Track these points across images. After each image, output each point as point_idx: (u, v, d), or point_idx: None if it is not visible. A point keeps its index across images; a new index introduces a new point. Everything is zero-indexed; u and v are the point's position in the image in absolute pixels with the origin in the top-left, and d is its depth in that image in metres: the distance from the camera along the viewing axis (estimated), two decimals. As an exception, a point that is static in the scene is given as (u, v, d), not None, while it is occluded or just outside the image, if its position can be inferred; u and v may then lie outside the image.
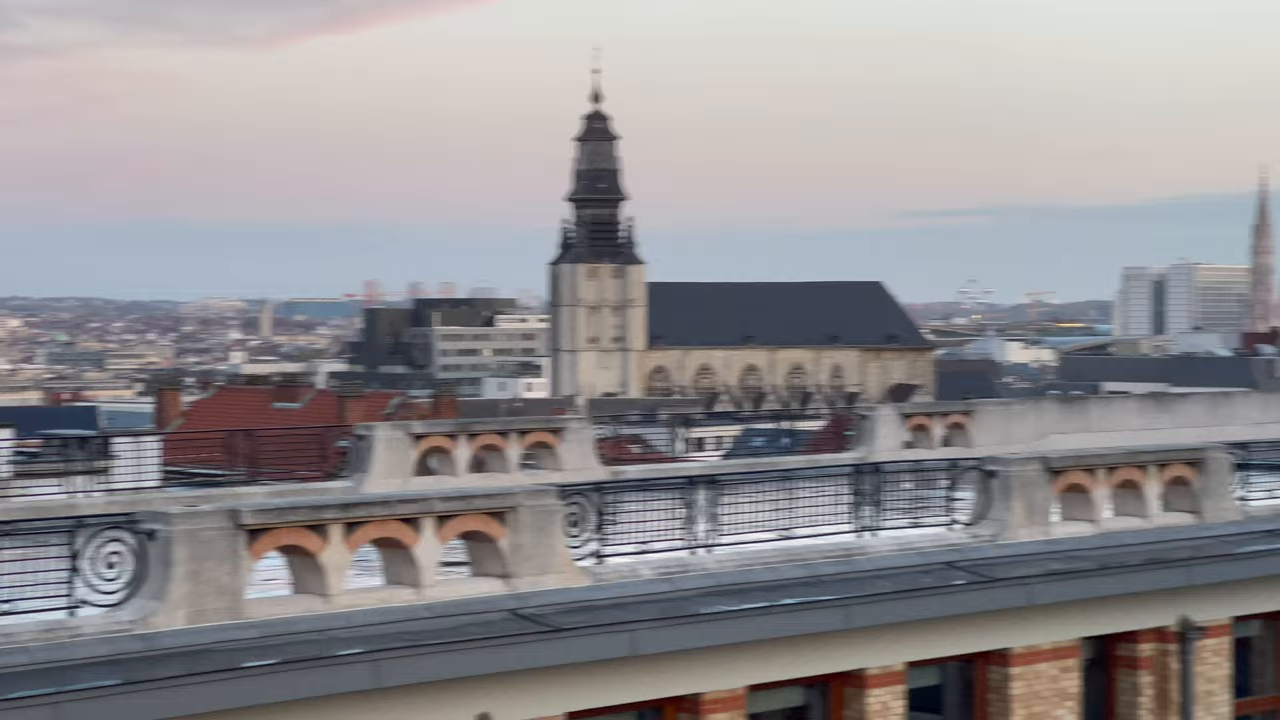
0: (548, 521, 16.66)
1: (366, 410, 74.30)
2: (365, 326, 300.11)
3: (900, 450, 30.23)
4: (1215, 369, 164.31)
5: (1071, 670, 20.09)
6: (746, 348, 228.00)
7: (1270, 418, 36.74)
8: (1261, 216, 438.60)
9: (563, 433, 27.38)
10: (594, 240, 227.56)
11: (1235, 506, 22.03)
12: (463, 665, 15.41)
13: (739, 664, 17.56)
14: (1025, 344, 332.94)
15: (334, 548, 15.37)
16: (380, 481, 25.13)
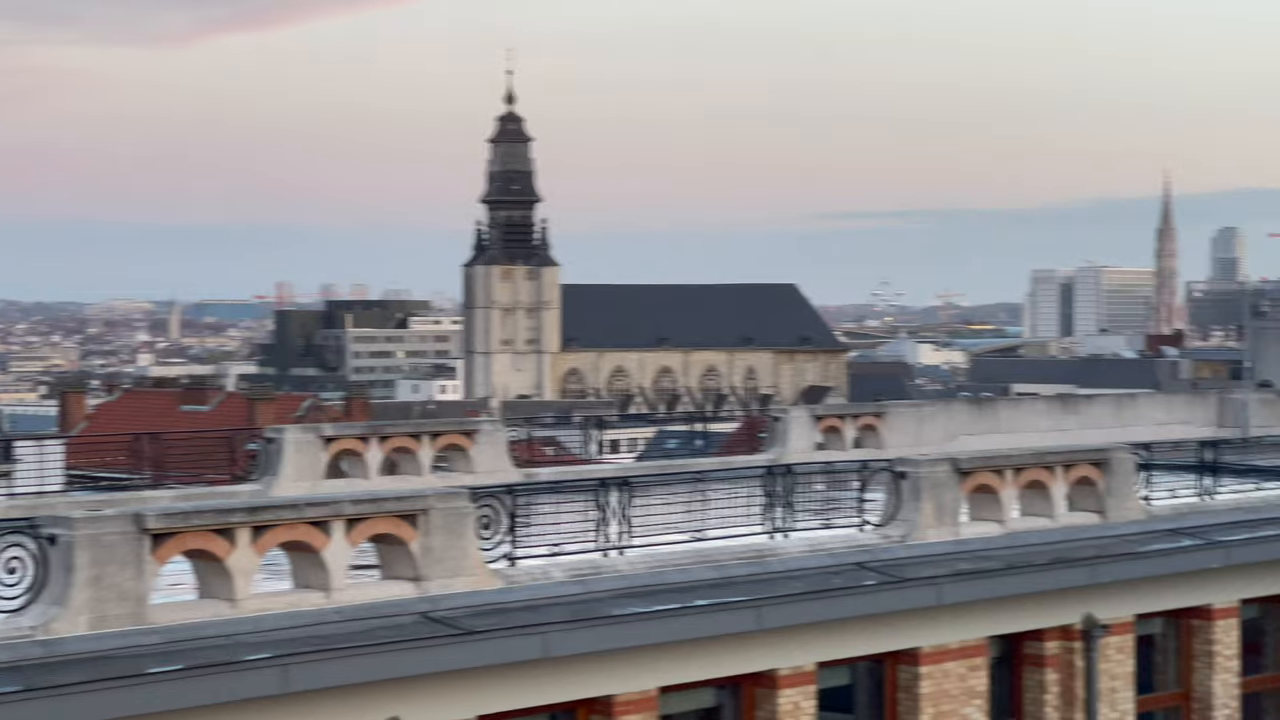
0: (459, 524, 16.62)
1: (277, 413, 73.79)
2: (276, 328, 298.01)
3: (812, 452, 30.36)
4: (1121, 371, 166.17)
5: (979, 669, 20.27)
6: (661, 350, 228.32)
7: (1173, 418, 37.20)
8: (1165, 220, 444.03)
9: (475, 435, 27.31)
10: (508, 242, 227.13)
11: (1139, 506, 22.29)
12: (373, 669, 15.34)
13: (651, 665, 17.59)
14: (936, 346, 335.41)
15: (241, 552, 15.26)
16: (290, 485, 24.96)
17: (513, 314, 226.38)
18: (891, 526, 20.15)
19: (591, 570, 17.69)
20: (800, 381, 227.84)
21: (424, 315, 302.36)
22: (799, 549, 19.26)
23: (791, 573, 18.70)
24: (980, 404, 36.16)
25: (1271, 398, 38.80)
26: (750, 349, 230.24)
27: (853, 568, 19.14)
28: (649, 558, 18.18)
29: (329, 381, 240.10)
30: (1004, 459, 21.14)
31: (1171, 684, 22.82)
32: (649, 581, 17.74)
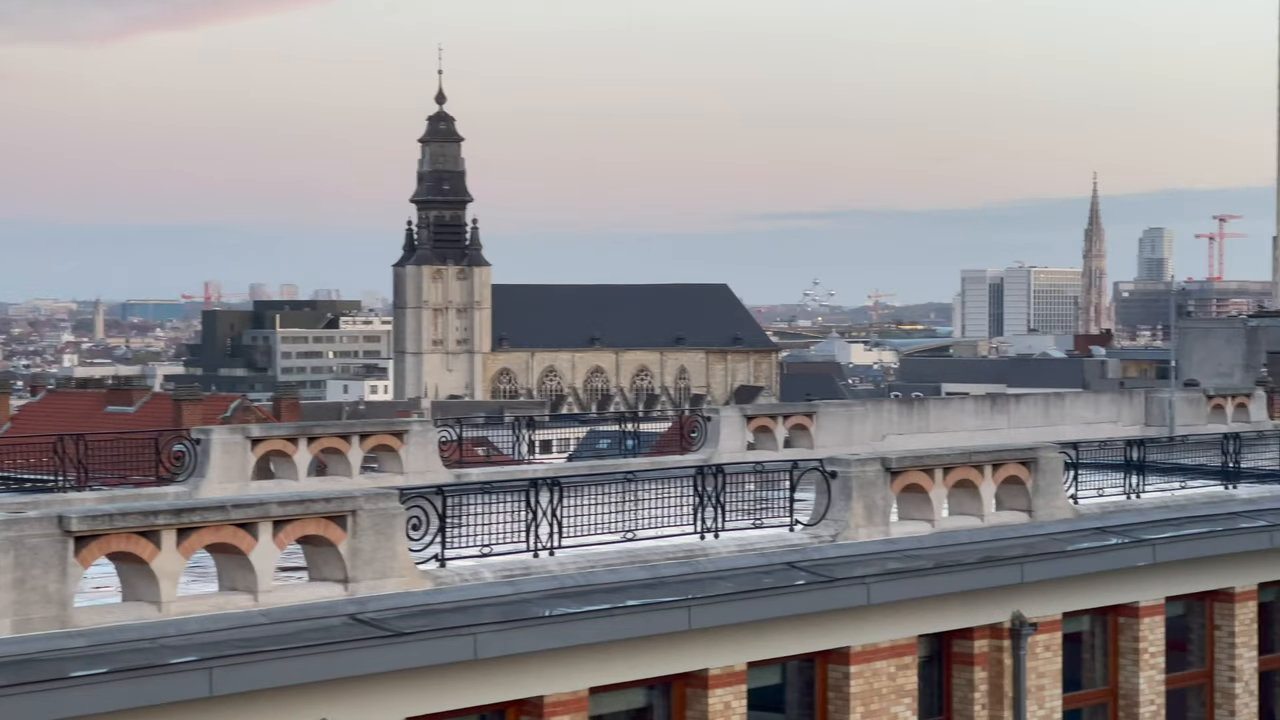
0: (388, 525, 16.52)
1: (204, 414, 73.24)
2: (203, 328, 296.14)
3: (743, 451, 30.41)
4: (1049, 370, 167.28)
5: (909, 667, 20.34)
6: (592, 350, 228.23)
7: (1101, 417, 37.48)
8: (1093, 221, 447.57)
9: (405, 436, 27.19)
10: (439, 242, 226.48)
11: (1067, 505, 22.43)
12: (300, 671, 15.23)
13: (581, 666, 17.55)
14: (867, 346, 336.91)
15: (166, 554, 15.12)
16: (217, 486, 24.79)
17: (444, 314, 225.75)
18: (822, 526, 20.19)
19: (522, 571, 17.63)
20: (732, 381, 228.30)
21: (354, 315, 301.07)
22: (730, 549, 19.27)
23: (722, 572, 18.70)
24: (910, 404, 36.30)
25: (1197, 397, 39.15)
26: (682, 349, 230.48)
27: (783, 567, 19.17)
28: (580, 558, 18.14)
29: (257, 382, 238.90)
30: (933, 458, 21.22)
31: (1099, 681, 22.98)
32: (580, 582, 17.71)
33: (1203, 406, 38.54)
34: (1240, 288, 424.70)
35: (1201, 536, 22.99)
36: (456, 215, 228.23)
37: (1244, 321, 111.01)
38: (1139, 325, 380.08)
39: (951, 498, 21.42)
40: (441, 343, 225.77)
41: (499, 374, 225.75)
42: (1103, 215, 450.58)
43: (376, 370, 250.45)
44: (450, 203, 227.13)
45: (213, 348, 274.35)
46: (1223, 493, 24.92)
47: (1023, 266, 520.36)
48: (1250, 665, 24.19)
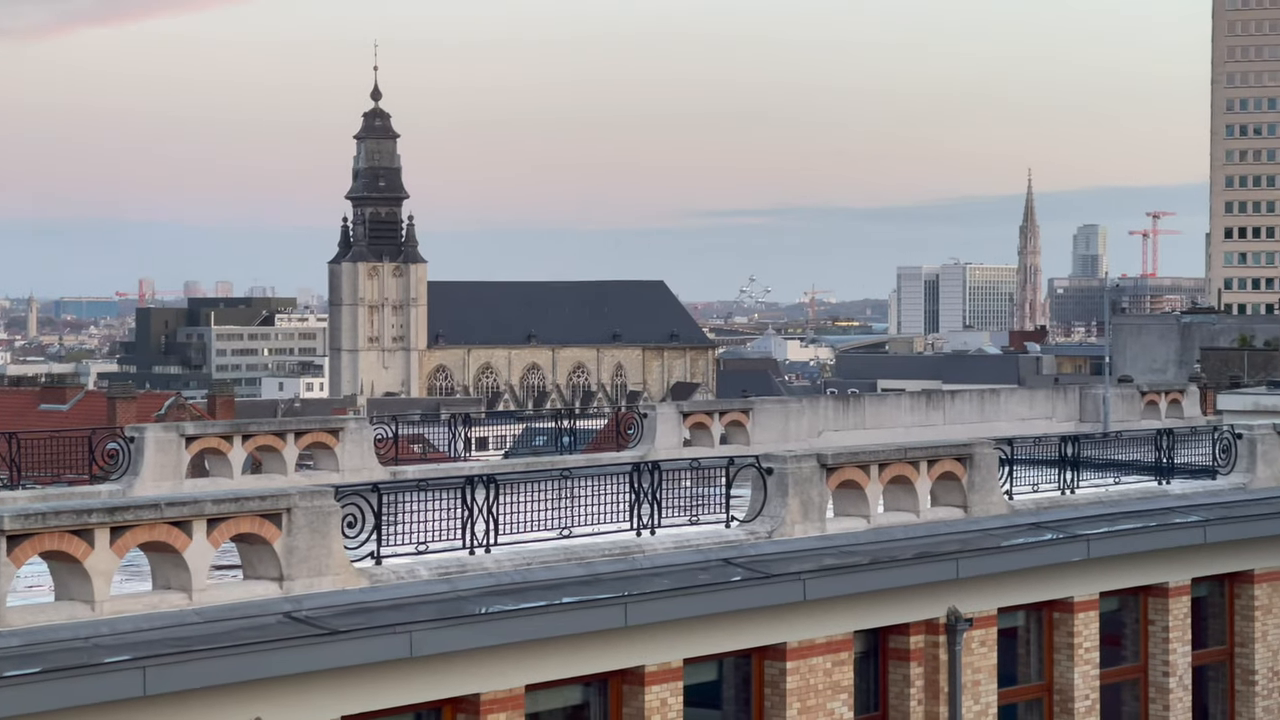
0: (324, 523, 16.45)
1: (138, 412, 72.72)
2: (137, 326, 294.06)
3: (680, 448, 30.43)
4: (985, 366, 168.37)
5: (845, 663, 20.40)
6: (529, 347, 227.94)
7: (1036, 414, 37.71)
8: (1028, 218, 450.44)
9: (341, 433, 27.07)
10: (374, 239, 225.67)
11: (1002, 501, 22.55)
12: (235, 670, 15.14)
13: (518, 663, 17.53)
14: (803, 342, 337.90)
15: (100, 553, 15.01)
16: (151, 484, 24.61)
17: (379, 311, 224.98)
18: (758, 522, 20.23)
19: (458, 568, 17.58)
20: (668, 378, 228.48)
21: (289, 312, 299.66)
22: (666, 546, 19.27)
23: (659, 569, 18.71)
24: (846, 400, 36.42)
25: (1131, 393, 39.45)
26: (618, 345, 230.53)
27: (719, 564, 19.19)
28: (516, 555, 18.11)
29: (192, 380, 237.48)
30: (869, 455, 21.29)
31: (1034, 676, 23.11)
32: (516, 579, 17.68)
33: (1137, 402, 38.83)
34: (1174, 284, 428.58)
35: (1135, 532, 23.16)
36: (392, 212, 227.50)
37: (1178, 318, 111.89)
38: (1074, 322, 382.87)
39: (887, 494, 21.50)
40: (377, 340, 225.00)
41: (435, 371, 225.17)
42: (1038, 212, 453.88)
43: (312, 368, 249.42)
44: (386, 199, 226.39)
45: (147, 345, 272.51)
46: (1156, 488, 25.13)
47: (958, 263, 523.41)
48: (1184, 660, 24.40)
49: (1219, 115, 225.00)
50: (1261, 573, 25.33)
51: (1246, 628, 25.35)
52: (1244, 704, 25.36)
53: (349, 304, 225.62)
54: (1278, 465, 26.39)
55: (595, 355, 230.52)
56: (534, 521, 18.86)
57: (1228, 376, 75.75)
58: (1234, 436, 26.29)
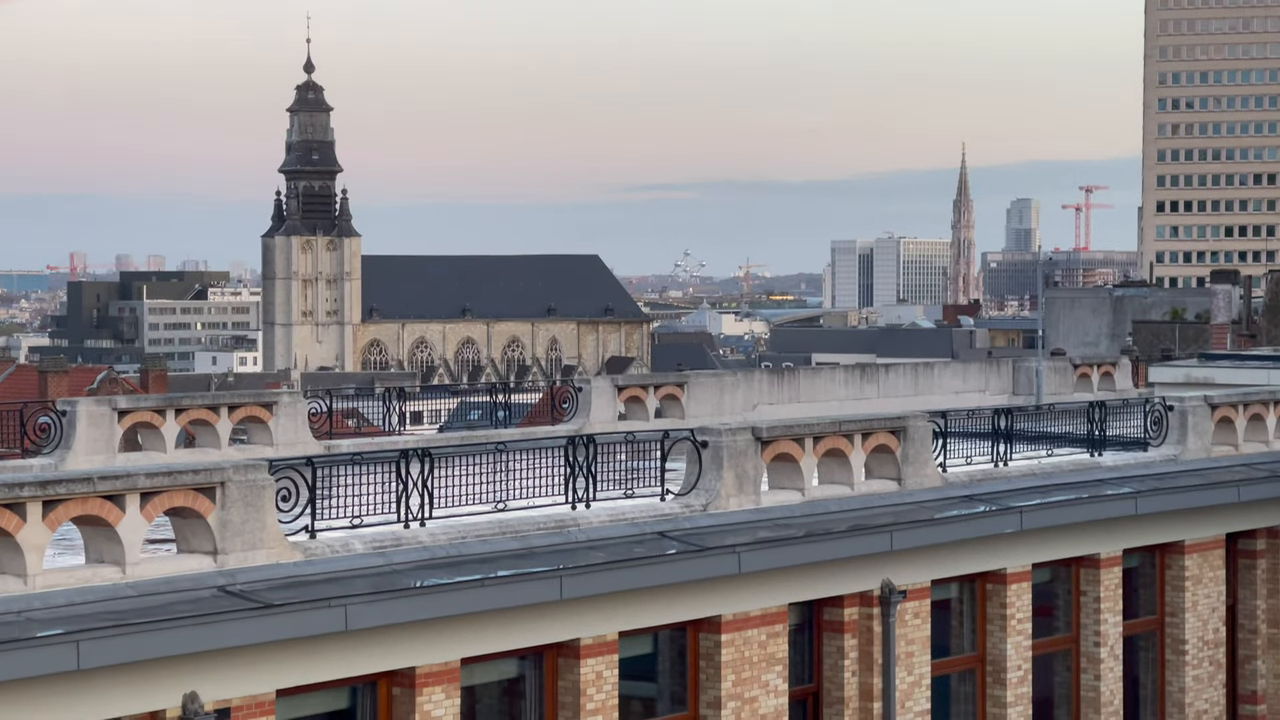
0: (257, 497, 16.39)
1: (70, 386, 72.21)
2: (69, 300, 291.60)
3: (614, 422, 30.44)
4: (919, 340, 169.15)
5: (780, 635, 20.50)
6: (463, 321, 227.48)
7: (969, 387, 37.93)
8: (962, 192, 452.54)
9: (275, 407, 26.94)
10: (308, 212, 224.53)
11: (935, 473, 22.69)
12: (169, 644, 15.08)
13: (453, 637, 17.53)
14: (738, 316, 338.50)
15: (32, 526, 14.91)
16: (83, 458, 24.44)
17: (313, 285, 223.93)
18: (693, 496, 20.28)
19: (393, 542, 17.56)
20: (603, 352, 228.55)
21: (222, 286, 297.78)
22: (601, 519, 19.31)
23: (594, 542, 18.73)
24: (781, 374, 36.52)
25: (1063, 366, 39.73)
26: (553, 320, 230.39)
27: (654, 537, 19.23)
28: (451, 529, 18.10)
29: (124, 354, 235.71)
30: (804, 428, 21.36)
31: (967, 647, 23.30)
32: (451, 553, 17.67)
33: (1069, 375, 39.12)
34: (1106, 258, 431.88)
35: (1067, 504, 23.35)
36: (326, 185, 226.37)
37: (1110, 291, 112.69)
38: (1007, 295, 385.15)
39: (821, 467, 21.59)
40: (311, 314, 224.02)
41: (369, 345, 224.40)
42: (971, 186, 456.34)
43: (245, 342, 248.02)
44: (320, 173, 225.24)
45: (79, 319, 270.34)
46: (1089, 460, 25.34)
47: (892, 237, 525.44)
48: (1115, 630, 24.65)
49: (1151, 89, 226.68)
50: (1192, 544, 25.61)
51: (1177, 598, 25.63)
52: (1174, 673, 25.65)
53: (282, 278, 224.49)
54: (1208, 437, 26.66)
55: (530, 329, 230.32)
56: (469, 495, 18.85)
57: (1159, 349, 76.40)
58: (1165, 409, 26.53)
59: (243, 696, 15.94)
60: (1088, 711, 24.45)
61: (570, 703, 18.69)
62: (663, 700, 20.32)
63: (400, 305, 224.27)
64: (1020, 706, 23.27)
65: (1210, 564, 25.95)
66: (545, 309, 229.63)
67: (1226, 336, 71.28)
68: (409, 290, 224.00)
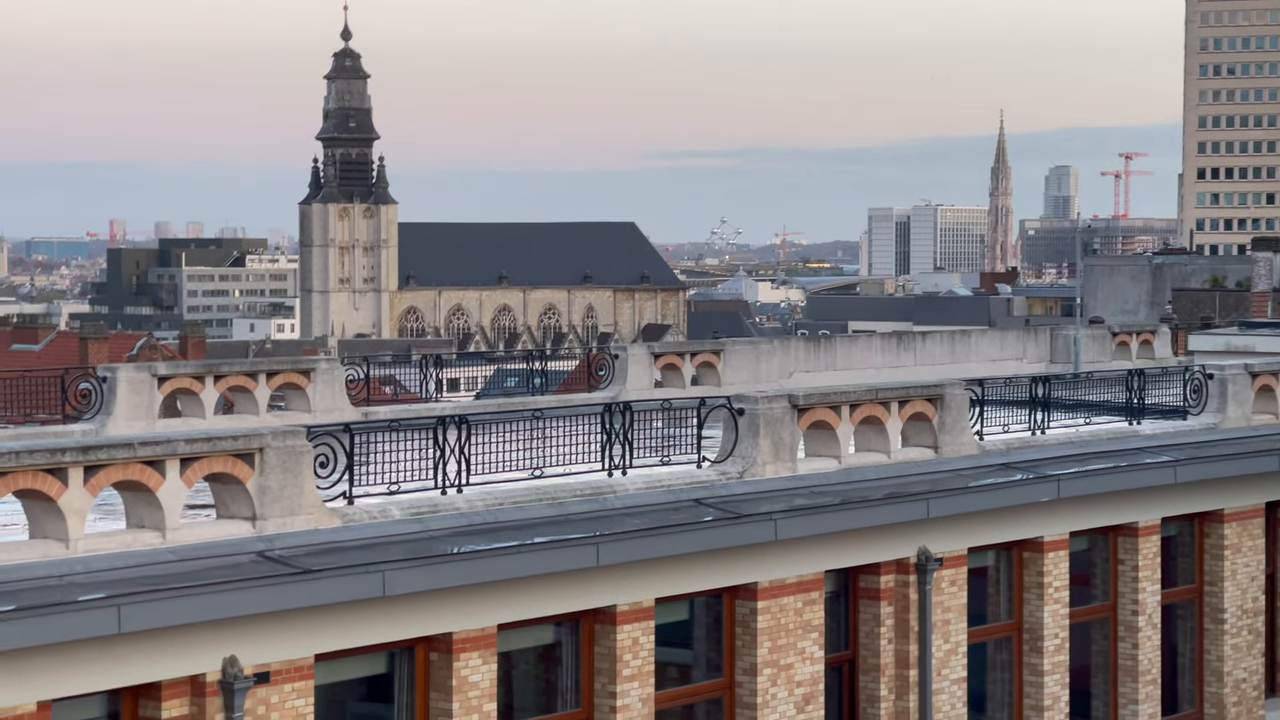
0: (296, 463, 16.47)
1: (110, 352, 72.59)
2: (109, 267, 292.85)
3: (651, 389, 30.47)
4: (956, 308, 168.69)
5: (816, 603, 20.53)
6: (500, 288, 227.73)
7: (1007, 355, 37.83)
8: (1000, 159, 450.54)
9: (312, 373, 27.05)
10: (345, 180, 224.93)
11: (972, 441, 22.65)
12: (209, 609, 15.18)
13: (490, 603, 17.59)
14: (774, 284, 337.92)
15: (74, 491, 15.01)
16: (124, 424, 24.59)
17: (350, 252, 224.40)
18: (729, 463, 20.30)
19: (430, 508, 17.63)
20: (639, 319, 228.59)
21: (260, 253, 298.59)
22: (637, 486, 19.34)
23: (630, 509, 18.77)
24: (817, 341, 36.47)
25: (1102, 334, 39.58)
26: (589, 287, 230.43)
27: (691, 504, 19.26)
28: (487, 496, 18.16)
29: (163, 321, 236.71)
30: (840, 395, 21.35)
31: (1003, 615, 23.28)
32: (487, 519, 17.73)
33: (1108, 343, 38.97)
34: (1146, 225, 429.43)
35: (1105, 472, 23.29)
36: (363, 153, 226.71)
37: (1149, 259, 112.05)
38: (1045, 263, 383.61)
39: (858, 434, 21.58)
40: (348, 281, 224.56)
41: (406, 312, 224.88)
42: (1009, 153, 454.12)
43: (283, 309, 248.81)
44: (357, 140, 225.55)
45: (118, 286, 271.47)
46: (1127, 429, 25.26)
47: (929, 205, 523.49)
48: (1153, 599, 24.60)
49: (1193, 55, 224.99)
50: (1231, 512, 25.53)
51: (1216, 567, 25.56)
52: (1213, 642, 25.60)
53: (320, 245, 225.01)
54: (1248, 405, 26.54)
55: (566, 297, 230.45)
56: (506, 462, 18.90)
57: (1199, 317, 76.06)
58: (1205, 377, 26.42)
59: (281, 661, 16.04)
60: (1125, 680, 24.42)
61: (606, 668, 18.76)
62: (699, 666, 20.37)
63: (437, 272, 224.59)
64: (1057, 675, 23.27)
65: (1250, 533, 25.86)
66: (582, 276, 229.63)
67: (1267, 304, 70.80)
68: (446, 257, 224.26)
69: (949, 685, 21.82)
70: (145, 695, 15.45)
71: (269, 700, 15.94)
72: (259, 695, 15.83)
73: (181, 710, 15.52)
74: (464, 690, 17.43)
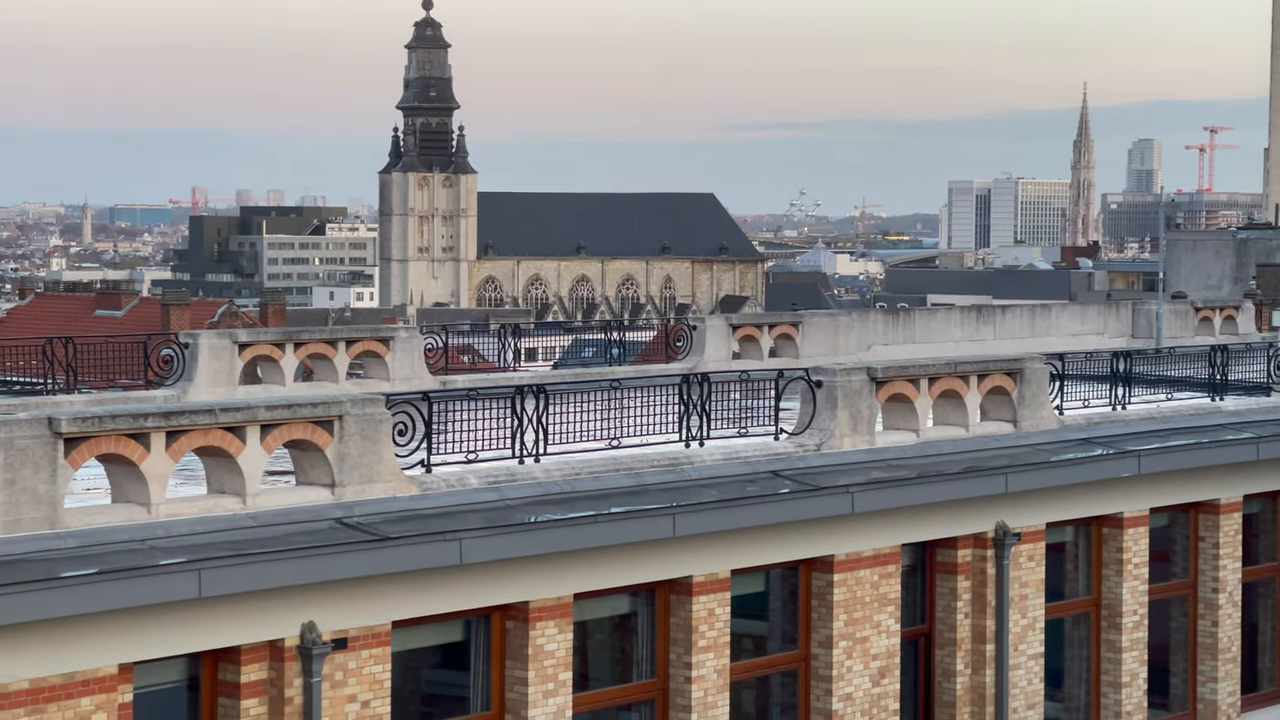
0: (375, 431, 16.56)
1: (192, 319, 73.22)
2: (191, 234, 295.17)
3: (728, 361, 30.44)
4: (1036, 281, 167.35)
5: (892, 576, 20.47)
6: (578, 258, 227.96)
7: (1087, 329, 37.55)
8: (1082, 132, 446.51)
9: (391, 342, 27.20)
10: (425, 149, 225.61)
11: (1051, 416, 22.50)
12: (287, 574, 15.30)
13: (566, 572, 17.65)
14: (853, 256, 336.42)
15: (155, 456, 15.15)
16: (205, 390, 24.81)
17: (429, 221, 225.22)
18: (807, 435, 20.25)
19: (507, 477, 17.69)
20: (717, 291, 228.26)
21: (340, 222, 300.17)
22: (715, 457, 19.33)
23: (707, 480, 18.77)
24: (896, 314, 36.31)
25: (1185, 309, 39.21)
26: (667, 258, 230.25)
27: (768, 476, 19.24)
28: (565, 465, 18.20)
29: (244, 288, 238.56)
30: (919, 368, 21.25)
31: (1081, 591, 23.14)
32: (564, 489, 17.77)
33: (1190, 319, 38.60)
34: (1230, 199, 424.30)
35: (1187, 448, 23.09)
36: (443, 122, 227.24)
37: (1233, 234, 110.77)
38: (1127, 238, 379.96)
39: (936, 408, 21.48)
40: (427, 250, 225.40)
41: (484, 282, 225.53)
42: (1092, 126, 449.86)
43: (362, 277, 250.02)
44: (437, 109, 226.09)
45: (200, 253, 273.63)
46: (1209, 405, 25.02)
47: (1010, 178, 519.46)
48: (1234, 576, 24.37)
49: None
50: (1313, 490, 25.25)
51: (1296, 545, 25.29)
52: (1292, 621, 25.35)
53: (399, 214, 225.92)
54: (1331, 383, 26.22)
55: (644, 268, 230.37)
56: (583, 432, 18.94)
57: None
58: (1288, 354, 26.10)
59: (359, 627, 16.15)
60: (1205, 657, 24.23)
61: (682, 639, 18.78)
62: (774, 638, 20.37)
63: (515, 242, 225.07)
64: (1136, 651, 23.11)
65: (1332, 511, 25.57)
66: (660, 247, 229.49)
67: (1353, 281, 69.74)
68: (524, 227, 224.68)
69: (1026, 660, 21.72)
70: (225, 659, 15.60)
71: (346, 666, 16.07)
72: (336, 661, 15.96)
73: (260, 675, 15.67)
74: (539, 659, 17.50)
